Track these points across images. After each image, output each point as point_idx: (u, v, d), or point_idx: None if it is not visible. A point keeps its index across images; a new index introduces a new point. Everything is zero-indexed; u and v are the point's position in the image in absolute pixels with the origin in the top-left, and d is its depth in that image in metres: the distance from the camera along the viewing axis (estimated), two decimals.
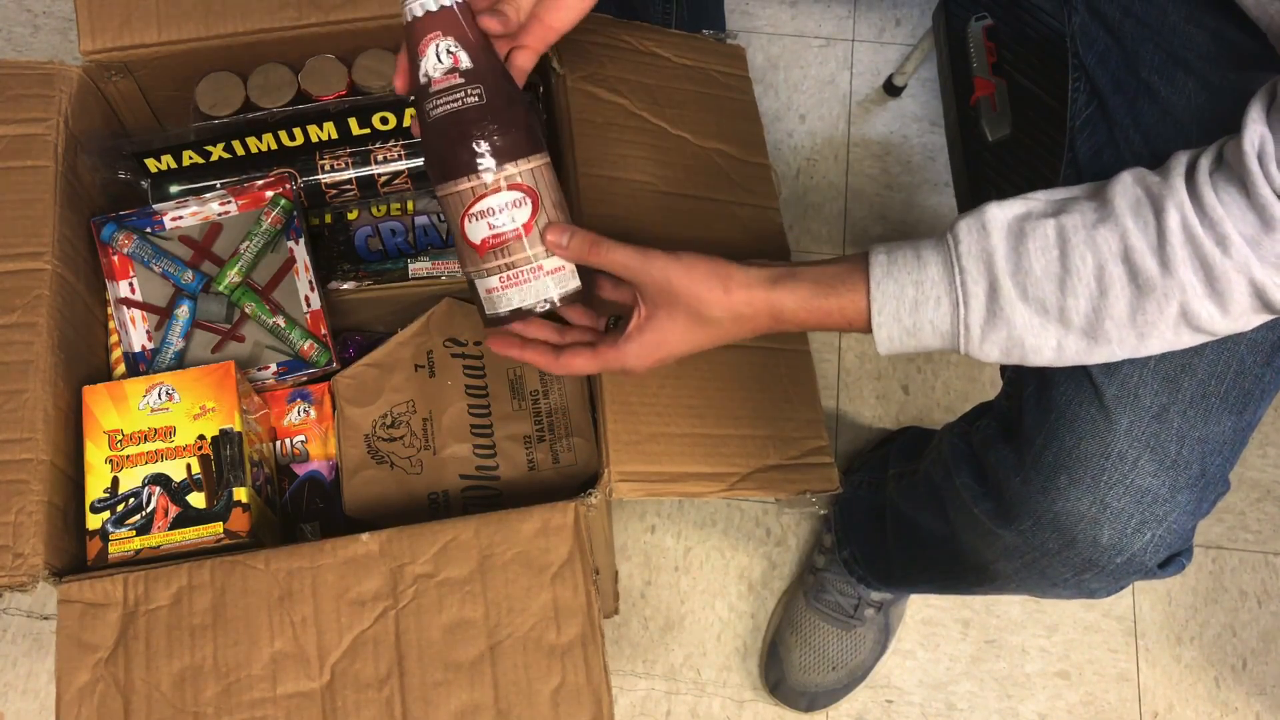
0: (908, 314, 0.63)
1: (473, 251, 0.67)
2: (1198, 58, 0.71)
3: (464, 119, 0.65)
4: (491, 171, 0.65)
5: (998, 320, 0.61)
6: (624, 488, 0.75)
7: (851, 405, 1.28)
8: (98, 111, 0.91)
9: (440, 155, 0.66)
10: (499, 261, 0.67)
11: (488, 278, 0.67)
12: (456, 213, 0.67)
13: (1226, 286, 0.57)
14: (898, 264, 0.63)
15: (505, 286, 0.67)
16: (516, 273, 0.67)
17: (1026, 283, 0.60)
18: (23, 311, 0.78)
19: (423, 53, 0.65)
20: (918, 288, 0.62)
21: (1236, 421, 0.68)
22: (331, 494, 0.88)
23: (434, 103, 0.65)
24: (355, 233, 0.94)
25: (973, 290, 0.61)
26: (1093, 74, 0.77)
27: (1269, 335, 0.68)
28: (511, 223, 0.66)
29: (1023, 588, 0.79)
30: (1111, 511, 0.67)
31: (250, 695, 0.70)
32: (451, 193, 0.66)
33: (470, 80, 0.65)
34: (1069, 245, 0.59)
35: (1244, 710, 1.16)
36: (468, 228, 0.66)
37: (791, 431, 0.82)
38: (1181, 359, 0.67)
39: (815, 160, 1.41)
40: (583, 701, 0.70)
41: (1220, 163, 0.58)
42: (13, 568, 0.71)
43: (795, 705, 1.12)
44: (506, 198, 0.65)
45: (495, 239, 0.66)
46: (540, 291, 0.67)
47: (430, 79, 0.65)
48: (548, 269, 0.67)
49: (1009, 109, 1.04)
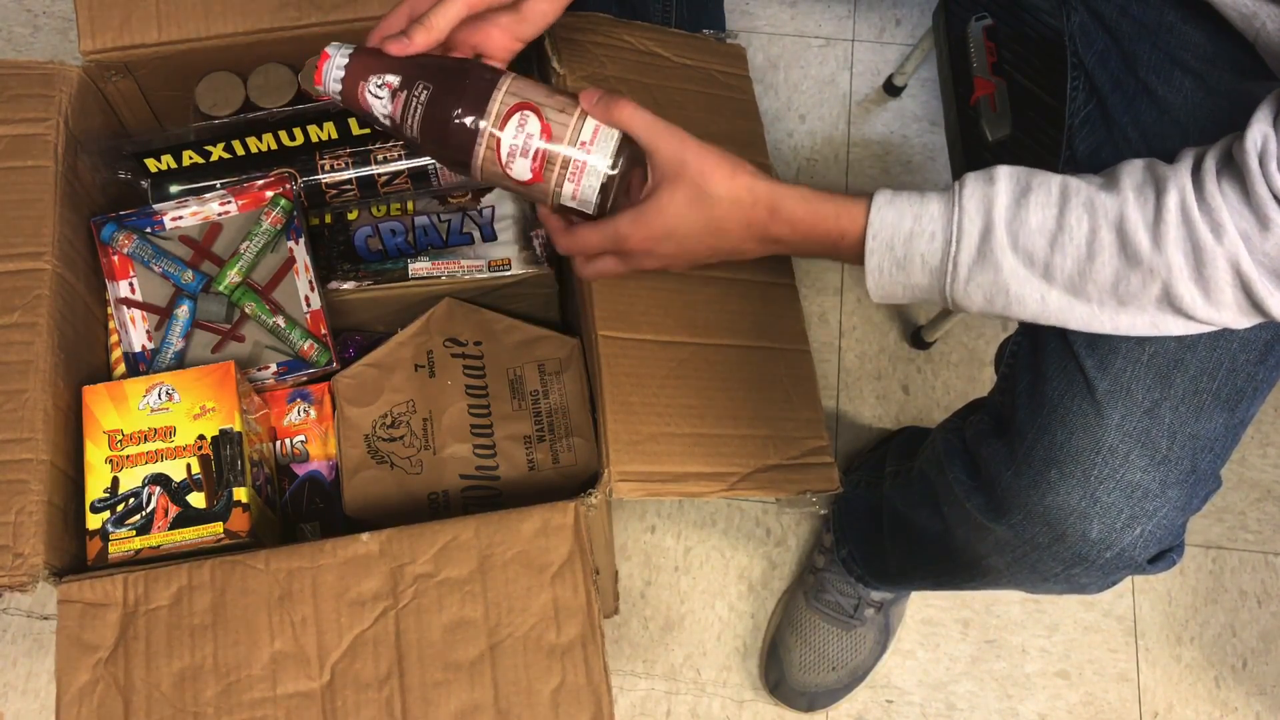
0: (900, 244, 0.64)
1: (538, 186, 0.69)
2: (1195, 58, 0.71)
3: (433, 114, 0.67)
4: (485, 124, 0.67)
5: (985, 263, 0.62)
6: (624, 488, 0.75)
7: (851, 405, 1.28)
8: (98, 111, 0.91)
9: (448, 151, 0.69)
10: (556, 172, 0.68)
11: (563, 189, 0.69)
12: (499, 175, 0.69)
13: (1213, 273, 0.58)
14: (901, 197, 0.65)
15: (576, 182, 0.69)
16: (574, 166, 0.68)
17: (1020, 232, 0.61)
18: (23, 311, 0.78)
19: (366, 107, 0.69)
20: (915, 220, 0.64)
21: (1229, 418, 0.69)
22: (331, 494, 0.88)
23: (405, 124, 0.68)
24: (355, 233, 0.94)
25: (967, 229, 0.62)
26: (1092, 73, 0.78)
27: (1262, 334, 0.68)
28: (535, 138, 0.67)
29: (1014, 582, 0.79)
30: (1101, 506, 0.67)
31: (250, 695, 0.70)
32: (480, 167, 0.69)
33: (408, 86, 0.67)
34: (1068, 204, 0.61)
35: (1244, 710, 1.16)
36: (514, 174, 0.68)
37: (792, 431, 0.82)
38: (1174, 355, 0.67)
39: (815, 160, 1.41)
40: (583, 701, 0.70)
41: (1228, 161, 0.59)
42: (13, 568, 0.71)
43: (795, 705, 1.12)
44: (512, 129, 0.67)
45: (536, 162, 0.68)
46: (599, 162, 0.69)
47: (389, 115, 0.68)
48: (591, 144, 0.69)
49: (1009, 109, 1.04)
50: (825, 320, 1.32)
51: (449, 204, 0.95)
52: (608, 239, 0.70)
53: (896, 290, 0.66)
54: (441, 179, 0.91)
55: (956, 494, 0.77)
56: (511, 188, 0.70)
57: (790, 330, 0.87)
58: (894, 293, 0.66)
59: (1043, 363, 0.71)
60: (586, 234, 0.71)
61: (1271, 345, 0.69)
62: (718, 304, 0.84)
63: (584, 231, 0.71)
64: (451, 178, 0.91)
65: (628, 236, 0.69)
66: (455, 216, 0.95)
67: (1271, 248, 0.57)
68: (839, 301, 1.33)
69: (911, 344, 1.31)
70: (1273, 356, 0.69)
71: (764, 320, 0.86)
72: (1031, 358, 0.73)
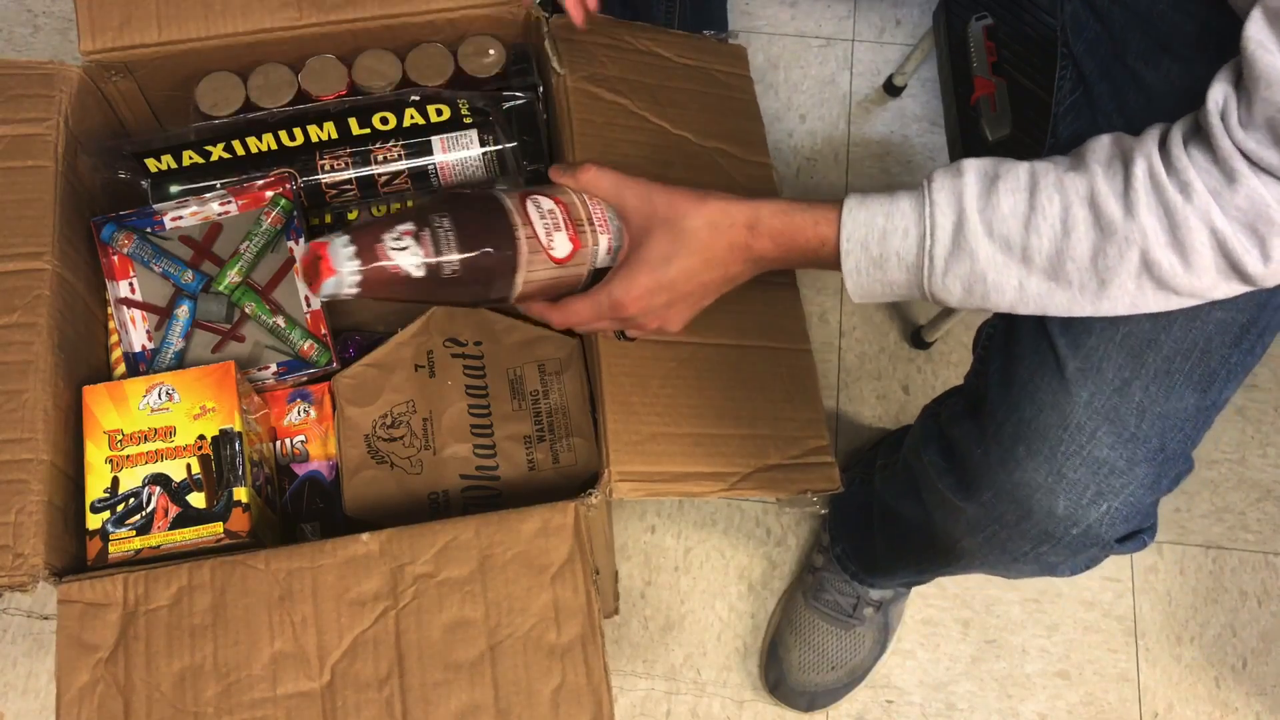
0: (875, 243, 0.64)
1: (579, 254, 0.69)
2: (1183, 44, 0.71)
3: (465, 231, 0.65)
4: (514, 216, 0.66)
5: (961, 253, 0.62)
6: (624, 488, 0.75)
7: (851, 405, 1.28)
8: (98, 111, 0.91)
9: (491, 261, 0.66)
10: (588, 232, 0.69)
11: (600, 246, 0.70)
12: (542, 262, 0.67)
13: (1187, 235, 0.58)
14: (871, 197, 0.65)
15: (608, 233, 0.70)
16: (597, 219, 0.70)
17: (993, 219, 0.61)
18: (23, 311, 0.78)
19: (395, 267, 0.63)
20: (887, 218, 0.64)
21: (1200, 400, 0.69)
22: (331, 494, 0.88)
23: (444, 254, 0.64)
24: None
25: (940, 222, 0.62)
26: (1080, 61, 0.78)
27: (1238, 316, 0.68)
28: (556, 212, 0.68)
29: (986, 564, 0.79)
30: (1067, 482, 0.68)
31: (250, 695, 0.69)
32: (525, 260, 0.67)
33: (425, 223, 0.64)
34: (1038, 187, 0.61)
35: (1244, 710, 1.16)
36: (556, 251, 0.68)
37: (793, 431, 0.82)
38: (1148, 334, 0.67)
39: (815, 160, 1.41)
40: (583, 701, 0.70)
41: (1194, 130, 0.60)
42: (13, 568, 0.71)
43: (795, 705, 1.12)
44: (534, 212, 0.67)
45: (570, 229, 0.68)
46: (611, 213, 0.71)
47: (423, 259, 0.64)
48: (593, 200, 0.70)
49: (1009, 109, 1.04)
50: (825, 320, 1.32)
51: None
52: (601, 306, 0.69)
53: (876, 289, 0.66)
54: (441, 179, 0.91)
55: (931, 476, 0.78)
56: (547, 284, 0.68)
57: (791, 329, 0.87)
58: (874, 291, 0.66)
59: (1016, 344, 0.72)
60: (579, 306, 0.70)
61: (1247, 329, 0.69)
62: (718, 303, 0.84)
63: (576, 304, 0.70)
64: (451, 178, 0.91)
65: (620, 300, 0.68)
66: None
67: (1242, 200, 0.57)
68: (839, 301, 1.33)
69: (911, 344, 1.31)
70: (1247, 340, 0.69)
71: (764, 320, 0.86)
72: (1005, 339, 0.73)
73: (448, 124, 0.89)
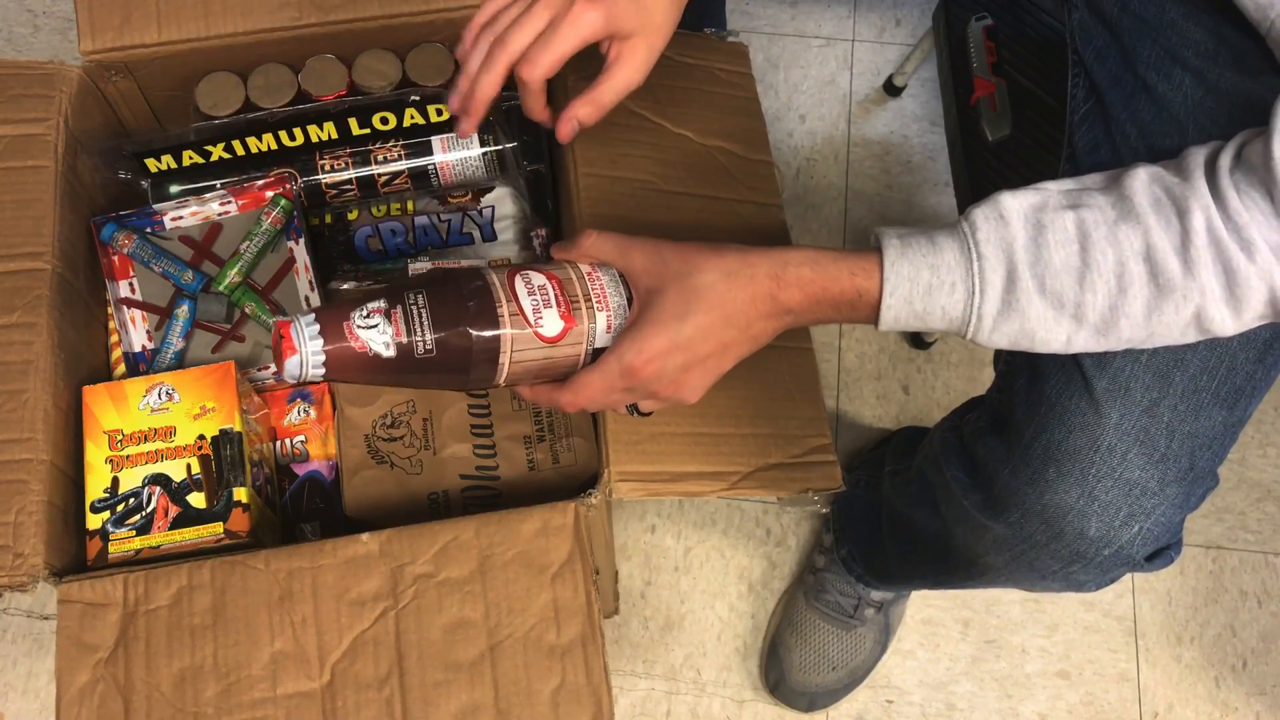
0: (920, 298, 0.61)
1: (573, 332, 0.65)
2: (1195, 55, 0.71)
3: (441, 311, 0.61)
4: (499, 293, 0.63)
5: (1012, 312, 0.60)
6: (624, 488, 0.75)
7: (851, 405, 1.28)
8: (98, 111, 0.91)
9: (469, 343, 0.62)
10: (584, 308, 0.65)
11: (598, 323, 0.66)
12: (528, 341, 0.64)
13: (1246, 292, 0.57)
14: (911, 247, 0.61)
15: (607, 309, 0.66)
16: (595, 294, 0.66)
17: (1045, 275, 0.59)
18: (23, 311, 0.78)
19: (362, 346, 0.59)
20: (933, 272, 0.60)
21: (1227, 417, 0.69)
22: (331, 494, 0.88)
23: (415, 335, 0.60)
24: (355, 233, 0.94)
25: (990, 279, 0.59)
26: (1091, 70, 0.78)
27: (1262, 332, 0.68)
28: (548, 288, 0.64)
29: (1012, 581, 0.79)
30: (1100, 504, 0.67)
31: (250, 695, 0.69)
32: (510, 340, 0.63)
33: (398, 301, 0.61)
34: (1089, 240, 0.58)
35: (1244, 710, 1.16)
36: (545, 330, 0.64)
37: (794, 430, 0.82)
38: (1174, 354, 0.67)
39: (815, 160, 1.41)
40: (583, 701, 0.69)
41: (1239, 161, 0.58)
42: (13, 568, 0.71)
43: (795, 705, 1.12)
44: (523, 289, 0.64)
45: (562, 307, 0.65)
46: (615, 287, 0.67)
47: (392, 338, 0.60)
48: (596, 273, 0.67)
49: (1009, 109, 1.04)
50: None
51: (449, 204, 0.95)
52: (610, 375, 0.64)
53: (909, 331, 0.64)
54: (441, 179, 0.91)
55: (954, 492, 0.77)
56: (538, 366, 0.65)
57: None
58: (906, 331, 0.65)
59: (1041, 360, 0.71)
60: (589, 379, 0.65)
61: (1270, 344, 0.69)
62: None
63: (585, 377, 0.65)
64: (451, 178, 0.91)
65: (631, 365, 0.62)
66: (455, 216, 0.94)
67: None
68: None
69: (911, 344, 1.31)
70: (1271, 355, 0.69)
71: None
72: (1029, 355, 0.72)
73: (448, 124, 0.89)
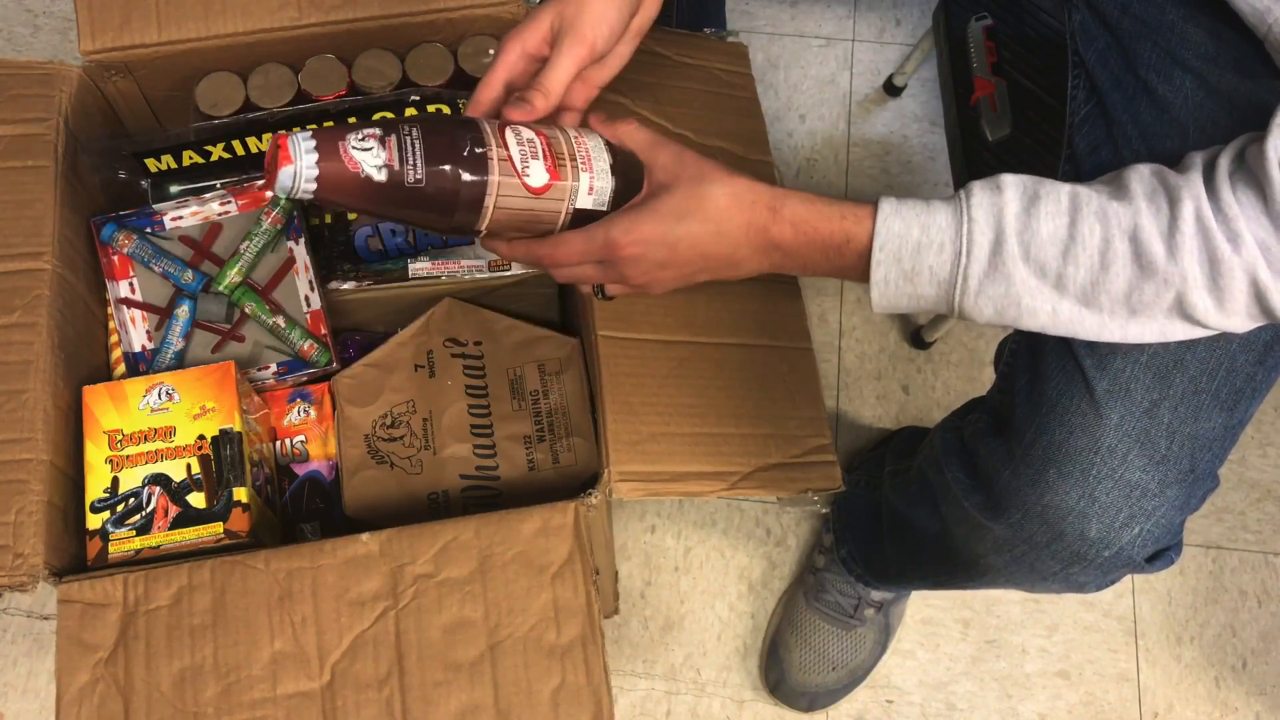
0: (909, 256, 0.62)
1: (556, 187, 0.64)
2: (1195, 57, 0.71)
3: (433, 142, 0.61)
4: (489, 135, 0.62)
5: (997, 275, 0.61)
6: (624, 488, 0.75)
7: (851, 405, 1.28)
8: (98, 111, 0.91)
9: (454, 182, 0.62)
10: (568, 166, 0.65)
11: (580, 183, 0.65)
12: (514, 188, 0.63)
13: (1229, 283, 0.57)
14: (906, 206, 0.63)
15: (591, 172, 0.66)
16: (582, 157, 0.65)
17: (1031, 242, 0.60)
18: (23, 311, 0.78)
19: (354, 165, 0.60)
20: (923, 230, 0.62)
21: (1227, 418, 0.69)
22: (331, 494, 0.88)
23: (406, 163, 0.61)
24: (355, 233, 0.94)
25: (978, 240, 0.61)
26: (1092, 71, 0.78)
27: (1262, 334, 0.68)
28: (537, 143, 0.64)
29: (1012, 581, 0.79)
30: (1100, 506, 0.67)
31: (250, 695, 0.69)
32: (497, 184, 0.63)
33: (394, 130, 0.61)
34: (1080, 214, 0.59)
35: (1244, 710, 1.16)
36: (531, 180, 0.63)
37: (794, 430, 0.82)
38: (1174, 355, 0.67)
39: (815, 160, 1.41)
40: (583, 701, 0.69)
41: (1240, 164, 0.58)
42: (13, 568, 0.71)
43: (795, 705, 1.12)
44: (513, 140, 0.63)
45: (549, 160, 0.64)
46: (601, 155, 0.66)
47: (384, 163, 0.61)
48: (584, 140, 0.66)
49: (1009, 109, 1.04)
50: (825, 320, 1.32)
51: None
52: (594, 242, 0.66)
53: (901, 301, 0.64)
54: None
55: (955, 493, 0.77)
56: (520, 217, 0.65)
57: (792, 328, 0.87)
58: (898, 303, 0.65)
59: (1041, 362, 0.71)
60: (570, 237, 0.66)
61: (1271, 346, 0.69)
62: (718, 302, 0.84)
63: (568, 235, 0.66)
64: None
65: (617, 240, 0.65)
66: None
67: None
68: (839, 302, 1.33)
69: (911, 344, 1.31)
70: (1271, 357, 0.69)
71: (765, 318, 0.86)
72: (1030, 357, 0.72)
73: None
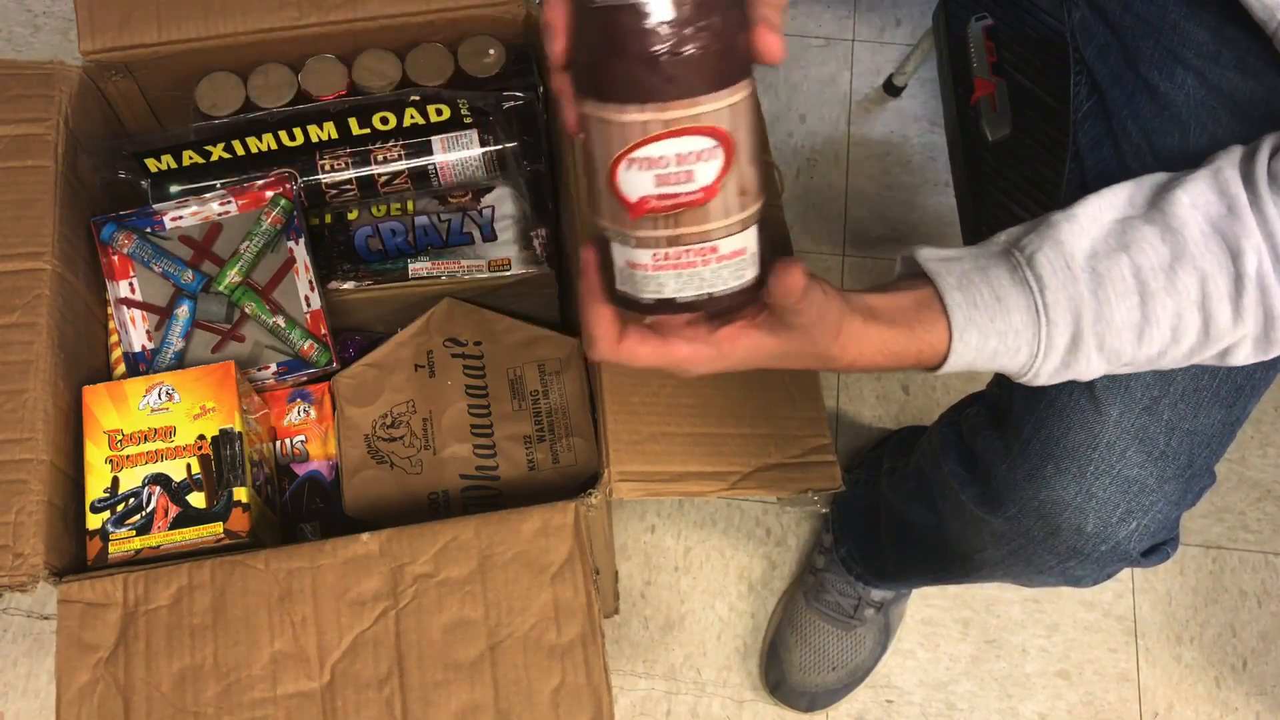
0: (984, 362, 0.57)
1: (621, 210, 0.48)
2: (1197, 55, 0.71)
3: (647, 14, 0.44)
4: (680, 103, 0.45)
5: (1068, 370, 0.57)
6: (624, 488, 0.75)
7: (851, 405, 1.28)
8: (98, 111, 0.91)
9: (600, 63, 0.46)
10: (660, 232, 0.48)
11: (635, 249, 0.48)
12: (608, 150, 0.47)
13: (1277, 335, 0.56)
14: (978, 308, 0.56)
15: (659, 267, 0.49)
16: (682, 251, 0.48)
17: (1106, 334, 0.56)
18: (23, 311, 0.78)
19: None
20: (1001, 339, 0.56)
21: (1227, 415, 0.69)
22: (331, 494, 0.88)
23: None
24: (355, 233, 0.94)
25: (1056, 343, 0.56)
26: (1093, 68, 0.78)
27: None
28: (691, 182, 0.47)
29: (1009, 575, 0.79)
30: (1097, 501, 0.67)
31: (250, 695, 0.69)
32: (606, 119, 0.46)
33: None
34: (1149, 292, 0.56)
35: (1244, 710, 1.16)
36: (623, 177, 0.47)
37: (794, 430, 0.82)
38: None
39: (815, 160, 1.41)
40: (583, 701, 0.69)
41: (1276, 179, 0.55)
42: (13, 568, 0.71)
43: (795, 705, 1.12)
44: (691, 145, 0.46)
45: (663, 200, 0.47)
46: (705, 281, 0.49)
47: None
48: (723, 251, 0.48)
49: (1009, 109, 1.04)
50: None
51: (449, 204, 0.95)
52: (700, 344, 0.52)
53: None
54: (441, 179, 0.91)
55: (952, 486, 0.77)
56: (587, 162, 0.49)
57: None
58: None
59: None
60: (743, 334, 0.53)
61: None
62: None
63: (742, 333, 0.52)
64: (451, 178, 0.91)
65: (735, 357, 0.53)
66: (455, 216, 0.94)
67: None
68: None
69: None
70: None
71: None
72: None
73: (448, 124, 0.89)
